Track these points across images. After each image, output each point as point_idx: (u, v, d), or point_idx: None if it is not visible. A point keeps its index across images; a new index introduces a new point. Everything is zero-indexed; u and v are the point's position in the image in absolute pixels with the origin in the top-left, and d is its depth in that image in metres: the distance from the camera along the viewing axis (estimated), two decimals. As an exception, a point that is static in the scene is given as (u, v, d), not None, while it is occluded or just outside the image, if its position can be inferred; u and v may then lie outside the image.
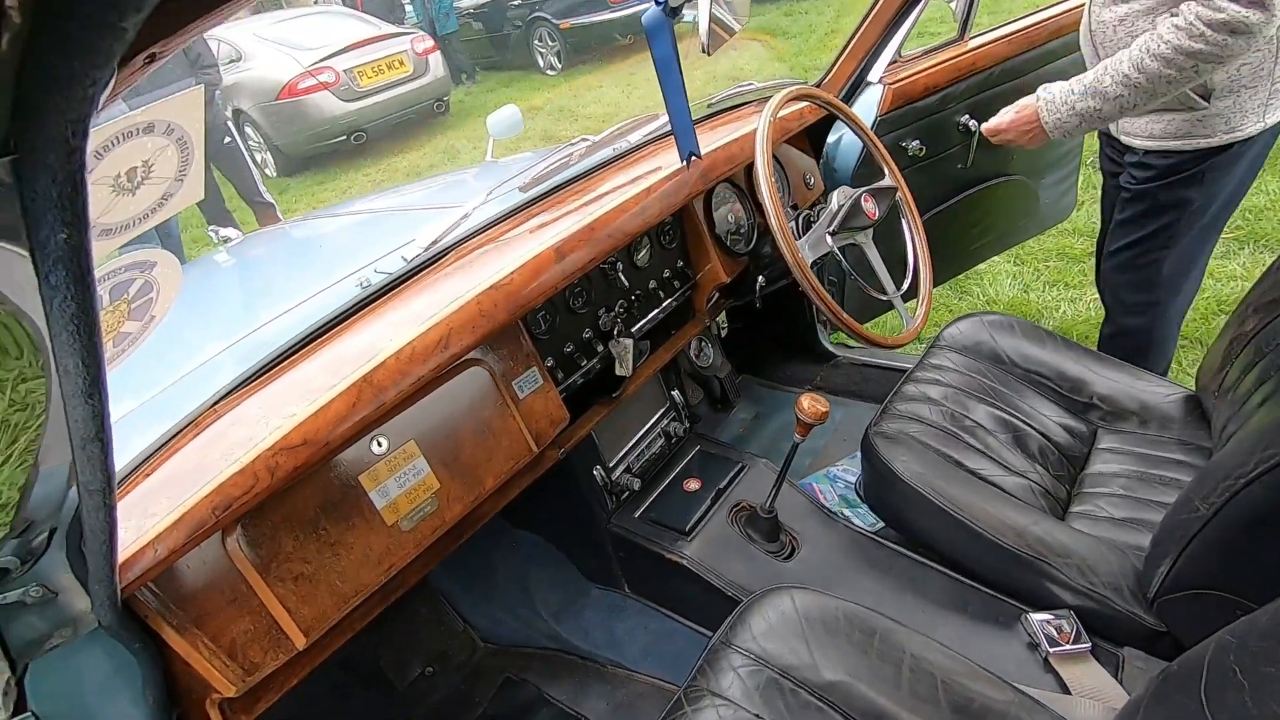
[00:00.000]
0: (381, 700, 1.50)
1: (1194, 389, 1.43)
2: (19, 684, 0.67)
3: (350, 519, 0.90)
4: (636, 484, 1.50)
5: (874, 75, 1.79)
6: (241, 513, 0.76)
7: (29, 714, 0.69)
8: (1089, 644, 1.11)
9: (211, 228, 2.15)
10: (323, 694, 1.43)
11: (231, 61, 6.32)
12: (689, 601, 1.44)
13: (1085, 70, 1.47)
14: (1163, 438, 1.38)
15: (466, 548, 1.17)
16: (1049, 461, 1.38)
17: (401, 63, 6.52)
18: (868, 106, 1.79)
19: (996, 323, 1.61)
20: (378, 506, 0.92)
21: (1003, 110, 1.59)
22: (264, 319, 1.22)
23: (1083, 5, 1.68)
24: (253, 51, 6.38)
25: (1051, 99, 1.48)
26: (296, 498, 0.85)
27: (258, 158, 6.51)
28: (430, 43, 6.81)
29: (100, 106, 0.26)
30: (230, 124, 4.73)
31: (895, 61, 1.83)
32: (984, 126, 1.65)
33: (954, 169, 2.00)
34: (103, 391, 0.40)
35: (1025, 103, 1.54)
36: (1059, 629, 1.13)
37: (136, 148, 0.42)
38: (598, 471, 1.47)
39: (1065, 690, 1.08)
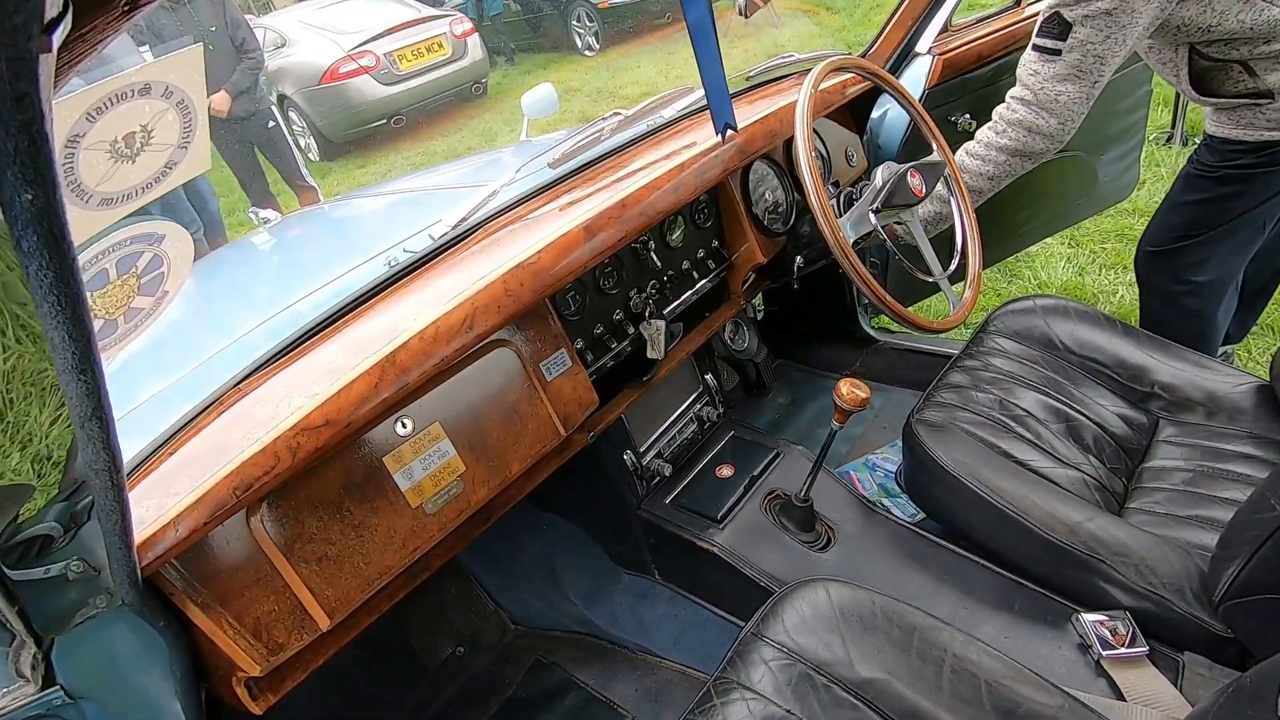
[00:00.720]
0: (412, 679, 1.51)
1: (1267, 378, 1.33)
2: (46, 658, 0.67)
3: (374, 501, 0.89)
4: (667, 469, 1.47)
5: (922, 45, 1.71)
6: (263, 493, 0.76)
7: (58, 688, 0.70)
8: (1146, 647, 1.04)
9: (252, 209, 2.18)
10: (354, 672, 1.45)
11: (276, 48, 6.42)
12: (720, 590, 1.41)
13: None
14: (1231, 430, 1.29)
15: (495, 531, 1.16)
16: (1105, 453, 1.30)
17: (440, 45, 6.53)
18: (915, 79, 1.70)
19: (1050, 307, 1.52)
20: (402, 489, 0.91)
21: None
22: (293, 298, 1.22)
23: None
24: (296, 37, 6.46)
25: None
26: (320, 479, 0.84)
27: (301, 142, 6.62)
28: (468, 25, 6.80)
29: (52, 45, 0.23)
30: (275, 109, 4.80)
31: (945, 31, 1.73)
32: None
33: None
34: (95, 367, 0.38)
35: None
36: (1113, 631, 1.07)
37: (133, 110, 0.40)
38: (628, 456, 1.44)
39: (1119, 696, 1.02)
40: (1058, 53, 1.30)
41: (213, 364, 1.09)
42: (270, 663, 0.81)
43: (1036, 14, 1.76)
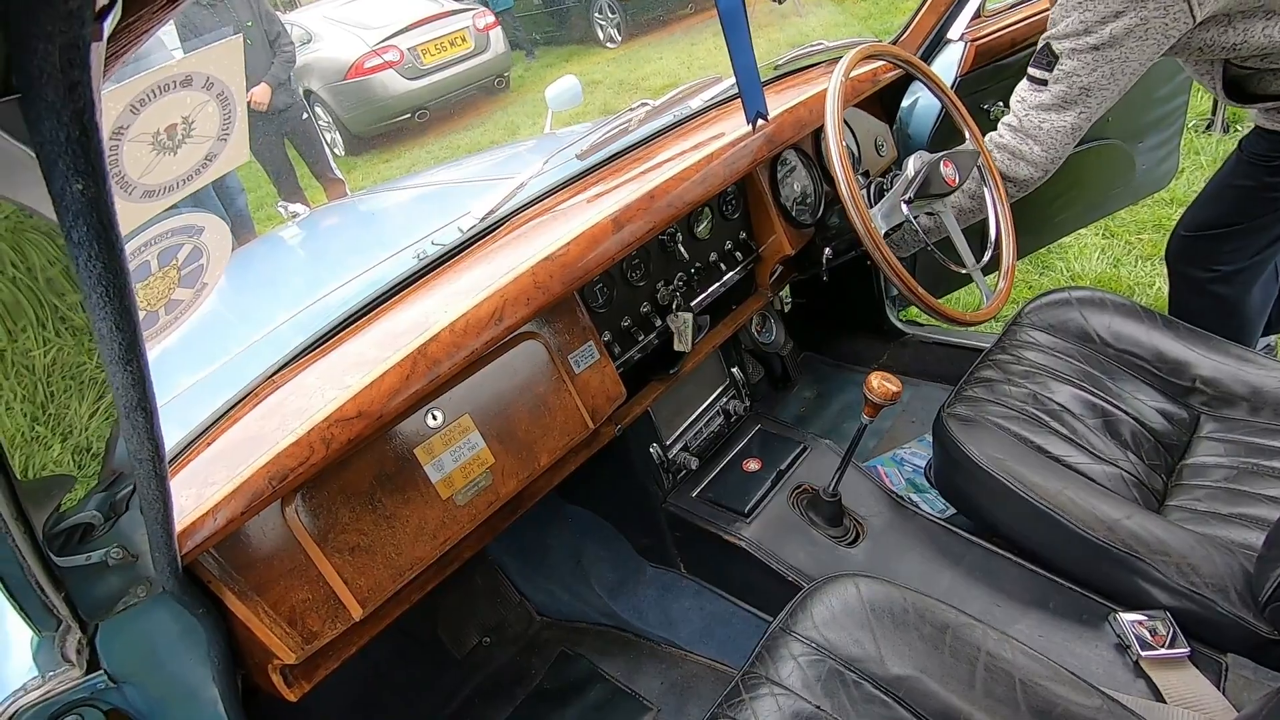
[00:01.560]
0: (440, 668, 1.53)
1: (1316, 373, 1.29)
2: (90, 644, 0.69)
3: (405, 492, 0.89)
4: (694, 463, 1.47)
5: (954, 32, 1.67)
6: (297, 483, 0.76)
7: (102, 672, 0.71)
8: (1188, 649, 1.02)
9: (281, 204, 2.21)
10: (384, 660, 1.47)
11: (302, 44, 6.49)
12: (747, 585, 1.40)
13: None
14: (1277, 426, 1.25)
15: (522, 523, 1.17)
16: (1143, 449, 1.27)
17: (464, 39, 6.55)
18: (947, 66, 1.66)
19: (1086, 299, 1.48)
20: (433, 480, 0.91)
21: None
22: (324, 291, 1.23)
23: None
24: (321, 33, 6.53)
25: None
26: (352, 470, 0.85)
27: (327, 137, 6.69)
28: (491, 18, 6.81)
29: (103, 33, 0.23)
30: (304, 100, 4.87)
31: (978, 17, 1.69)
32: None
33: None
34: (141, 357, 0.38)
35: None
36: (1153, 631, 1.04)
37: (175, 102, 0.40)
38: (654, 449, 1.44)
39: (1159, 698, 1.00)
40: (1045, 83, 1.31)
41: (246, 356, 1.11)
42: (305, 651, 0.82)
43: None
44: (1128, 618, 1.06)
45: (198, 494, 0.72)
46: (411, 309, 1.00)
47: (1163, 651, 1.02)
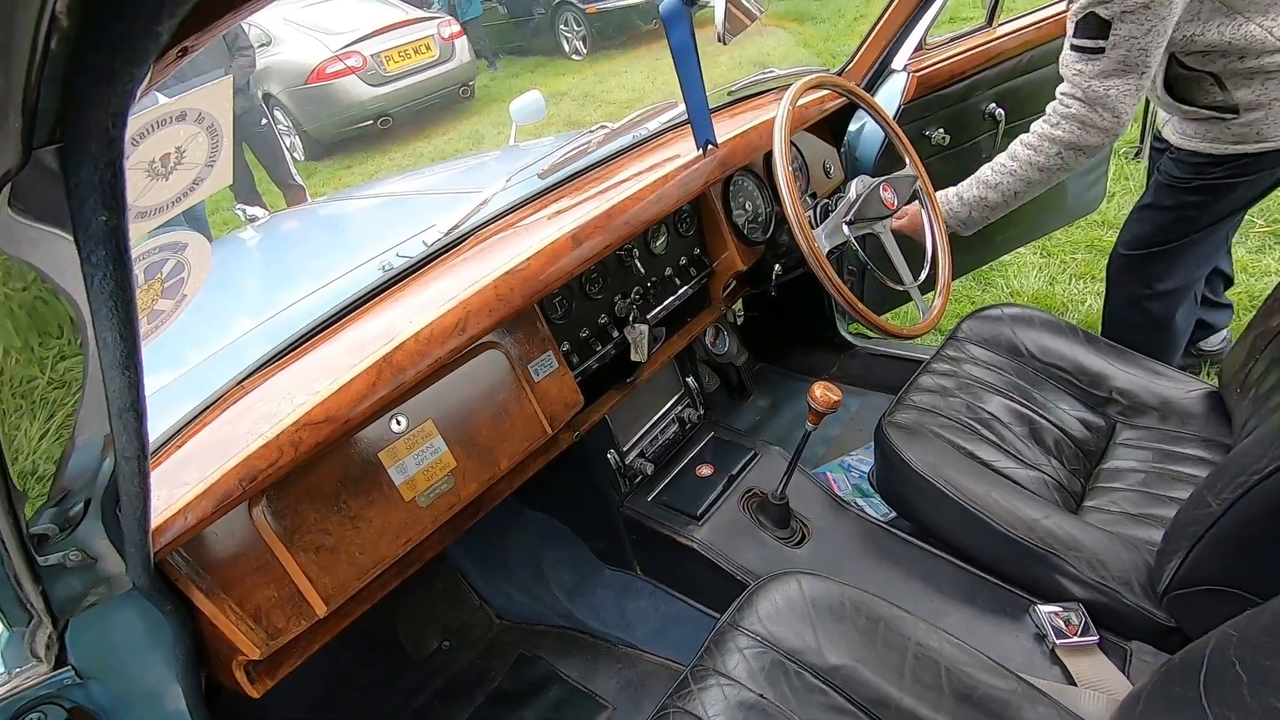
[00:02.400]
0: (400, 670, 1.55)
1: (1216, 385, 1.41)
2: (60, 639, 0.71)
3: (370, 494, 0.93)
4: (650, 468, 1.52)
5: (898, 63, 1.78)
6: (266, 485, 0.80)
7: (69, 667, 0.73)
8: (1097, 637, 1.11)
9: (239, 206, 2.21)
10: (345, 662, 1.48)
11: (261, 46, 6.40)
12: (699, 585, 1.46)
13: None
14: (1182, 434, 1.37)
15: (482, 527, 1.21)
16: (1064, 455, 1.37)
17: (428, 47, 6.55)
18: (891, 94, 1.77)
19: (1016, 315, 1.59)
20: (396, 483, 0.95)
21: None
22: (291, 299, 1.26)
23: None
24: (282, 36, 6.45)
25: (944, 194, 1.55)
26: (319, 472, 0.89)
27: (286, 141, 6.60)
28: (457, 27, 6.83)
29: (137, 99, 0.28)
30: (263, 106, 4.81)
31: (920, 49, 1.80)
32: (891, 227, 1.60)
33: (979, 158, 1.96)
34: (138, 363, 0.42)
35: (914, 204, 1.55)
36: (1067, 621, 1.14)
37: (170, 135, 0.44)
38: (611, 455, 1.49)
39: (1071, 682, 1.08)
40: (1100, 50, 1.29)
41: (212, 362, 1.13)
42: (269, 647, 0.85)
43: (1008, 33, 1.85)
44: (1045, 609, 1.15)
45: (169, 494, 0.75)
46: (378, 319, 1.04)
47: (1075, 640, 1.11)
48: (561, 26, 8.05)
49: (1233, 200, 1.55)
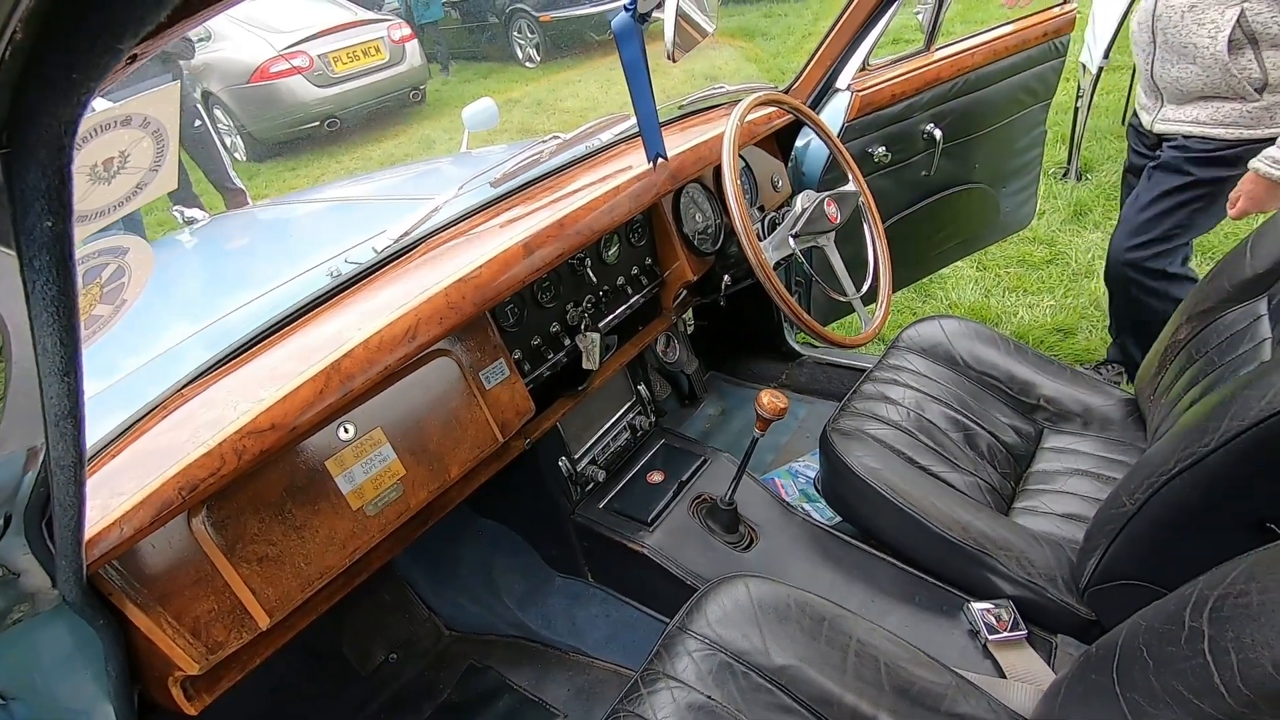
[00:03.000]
0: (345, 684, 1.52)
1: (1133, 394, 1.51)
2: (-19, 659, 0.68)
3: (316, 503, 0.92)
4: (601, 475, 1.53)
5: (842, 82, 1.84)
6: (207, 494, 0.78)
7: (-10, 689, 0.70)
8: (1025, 631, 1.17)
9: (176, 208, 2.12)
10: (288, 677, 1.44)
11: (200, 40, 6.18)
12: (650, 590, 1.48)
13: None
14: (1103, 438, 1.46)
15: (432, 536, 1.20)
16: (997, 460, 1.44)
17: (378, 49, 6.44)
18: (835, 112, 1.83)
19: (953, 326, 1.67)
20: (343, 491, 0.94)
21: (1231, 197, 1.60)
22: (234, 305, 1.23)
23: (1053, 15, 1.87)
24: (223, 32, 6.25)
25: (1272, 156, 1.48)
26: (262, 481, 0.87)
27: (227, 141, 6.39)
28: (407, 30, 6.74)
29: (90, 108, 0.28)
30: (200, 106, 4.64)
31: (865, 69, 1.88)
32: (1231, 214, 1.59)
33: (918, 176, 2.06)
34: (78, 370, 0.42)
35: (1246, 177, 1.54)
36: (998, 617, 1.19)
37: (114, 139, 0.44)
38: (563, 462, 1.50)
39: (1001, 674, 1.14)
40: None
41: (149, 368, 1.09)
42: (209, 661, 0.82)
43: (945, 58, 1.94)
44: (978, 606, 1.21)
45: (104, 504, 0.73)
46: (326, 325, 1.02)
47: (1005, 635, 1.17)
48: (515, 34, 8.02)
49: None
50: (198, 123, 4.22)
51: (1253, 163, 1.50)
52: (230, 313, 1.17)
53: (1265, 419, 0.84)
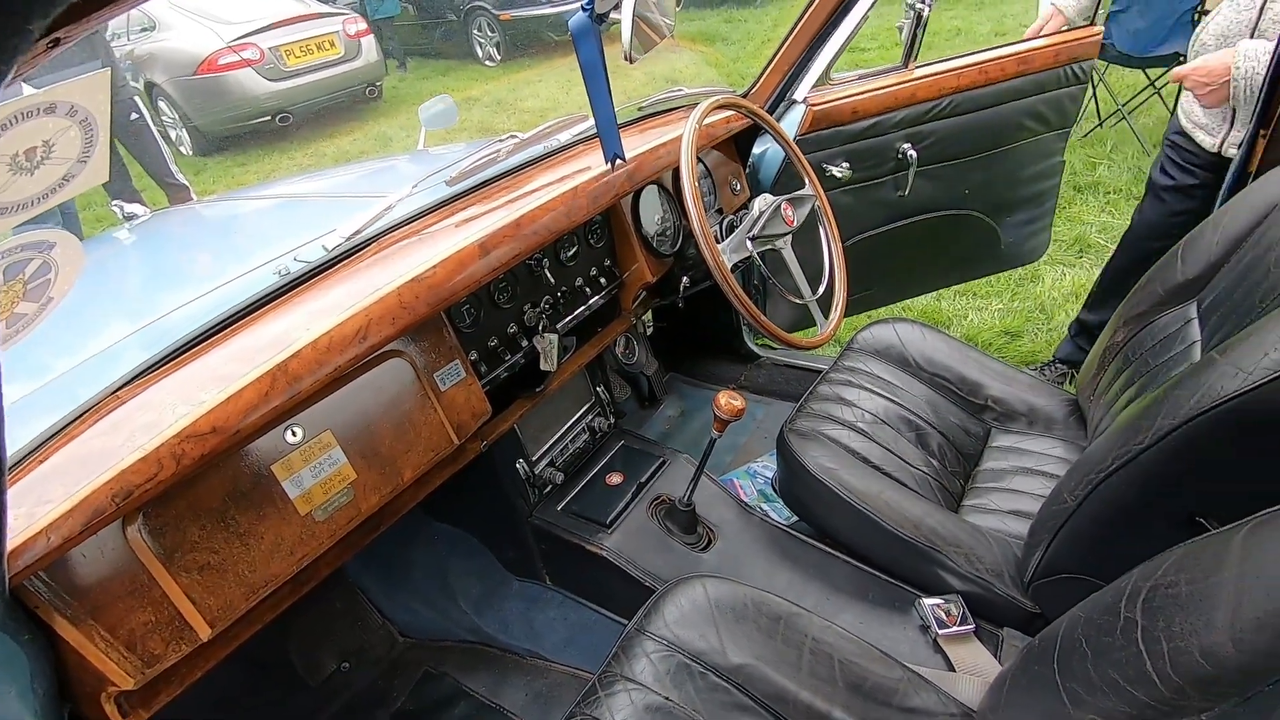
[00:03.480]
0: (293, 695, 1.47)
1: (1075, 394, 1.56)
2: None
3: (261, 509, 0.89)
4: (559, 477, 1.52)
5: (800, 94, 1.86)
6: (144, 501, 0.75)
7: (-98, 711, 0.66)
8: (973, 626, 1.20)
9: (115, 203, 2.03)
10: (232, 690, 1.39)
11: (144, 30, 5.96)
12: (608, 592, 1.47)
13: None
14: (1047, 437, 1.51)
15: (386, 541, 1.17)
16: (946, 458, 1.48)
17: (332, 44, 6.29)
18: (790, 124, 1.85)
19: (905, 329, 1.71)
20: (290, 496, 0.91)
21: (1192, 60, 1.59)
22: (175, 303, 1.18)
23: (1070, 39, 1.91)
24: (169, 21, 6.03)
25: (1253, 48, 1.46)
26: (204, 487, 0.84)
27: (172, 134, 6.16)
28: (363, 25, 6.60)
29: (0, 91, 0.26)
30: (138, 99, 4.43)
31: (825, 84, 1.88)
32: (1171, 73, 1.60)
33: (890, 196, 2.02)
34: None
35: (1218, 54, 1.53)
36: (947, 612, 1.22)
37: (37, 128, 0.41)
38: (520, 465, 1.49)
39: (950, 668, 1.17)
40: None
41: (82, 370, 1.04)
42: (145, 675, 0.79)
43: (924, 77, 1.88)
44: (929, 602, 1.24)
45: (29, 513, 0.69)
46: (272, 325, 0.99)
47: (954, 629, 1.20)
48: (475, 32, 7.93)
49: None
50: (134, 115, 4.02)
51: (1241, 49, 1.49)
52: (170, 312, 1.13)
53: (1194, 417, 0.87)
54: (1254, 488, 0.87)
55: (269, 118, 6.02)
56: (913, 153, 1.93)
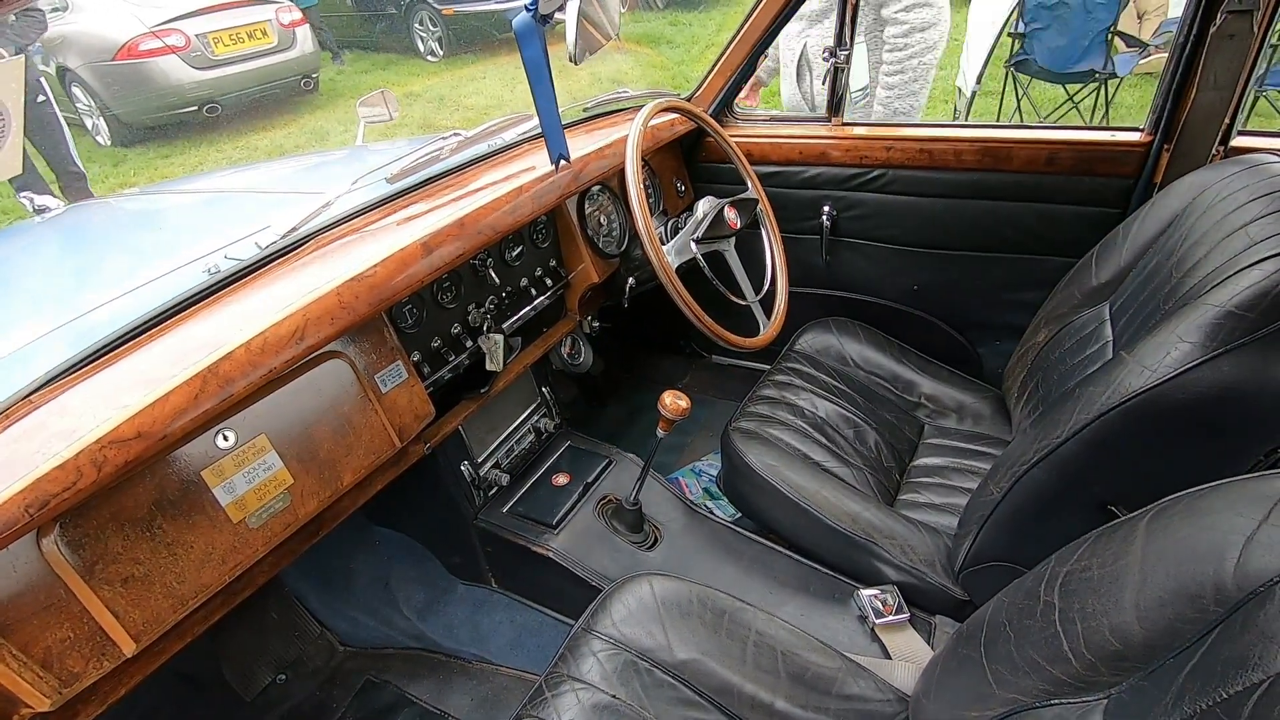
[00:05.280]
0: (226, 712, 1.41)
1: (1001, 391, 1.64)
2: None
3: (190, 517, 0.85)
4: (505, 479, 1.51)
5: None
6: (60, 511, 0.71)
7: None
8: (908, 614, 1.25)
9: (24, 195, 1.90)
10: (161, 707, 1.33)
11: (55, 10, 5.60)
12: (556, 593, 1.47)
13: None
14: (975, 432, 1.58)
15: (325, 548, 1.14)
16: (883, 454, 1.53)
17: (264, 33, 6.04)
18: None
19: (844, 328, 1.76)
20: (222, 503, 0.88)
21: None
22: (94, 302, 1.12)
23: (1094, 139, 1.52)
24: (81, 3, 5.68)
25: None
26: (127, 495, 0.80)
27: (88, 123, 5.81)
28: (298, 14, 6.37)
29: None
30: (43, 80, 4.13)
31: (731, 114, 1.87)
32: None
33: (810, 258, 1.92)
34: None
35: None
36: (884, 602, 1.27)
37: (-58, 115, 0.39)
38: (465, 467, 1.47)
39: (887, 655, 1.22)
40: None
41: (-11, 373, 0.98)
42: (62, 695, 0.75)
43: (848, 137, 1.72)
44: (866, 593, 1.28)
45: (-69, 525, 0.64)
46: (205, 324, 0.95)
47: (890, 618, 1.25)
48: (416, 25, 7.75)
49: None
50: (40, 98, 3.74)
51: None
52: (89, 311, 1.07)
53: (1105, 413, 0.94)
54: (1158, 476, 0.94)
55: (196, 108, 5.75)
56: (826, 220, 1.80)
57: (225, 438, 0.89)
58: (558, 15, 1.07)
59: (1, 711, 0.75)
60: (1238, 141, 1.43)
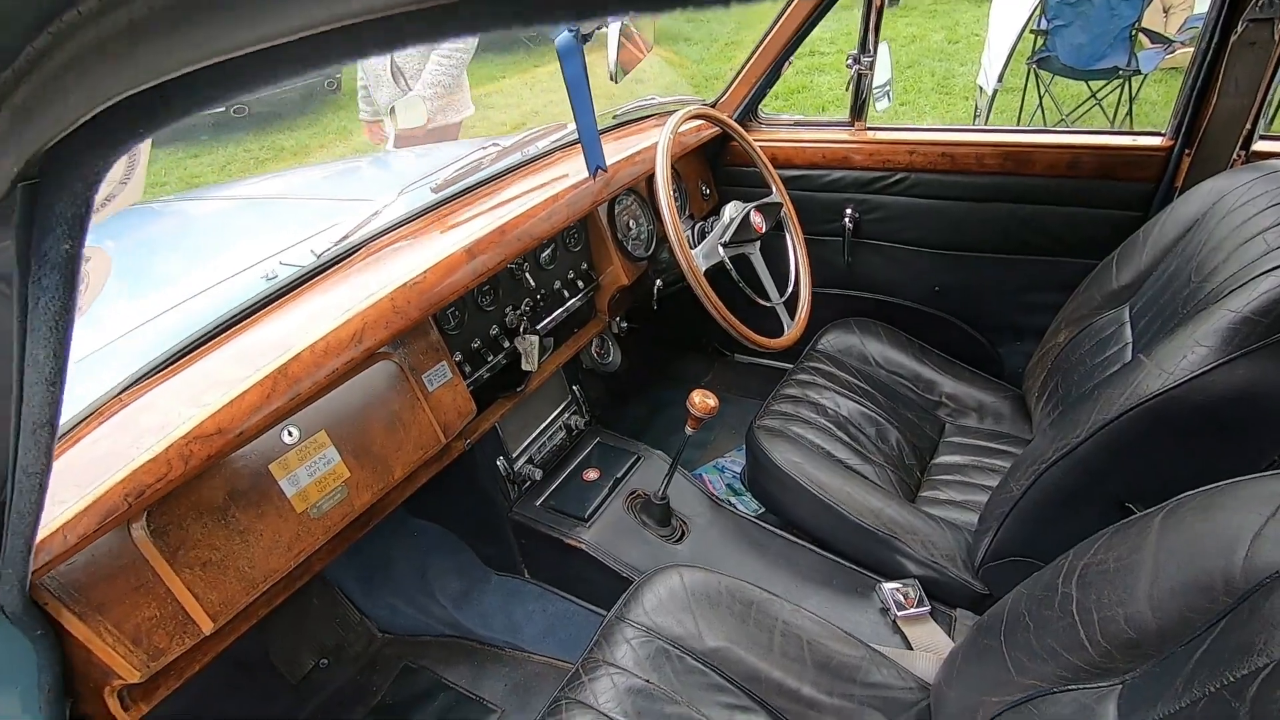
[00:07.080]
0: (274, 693, 1.49)
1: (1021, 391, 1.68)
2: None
3: (259, 506, 0.92)
4: (538, 474, 1.57)
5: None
6: (153, 499, 0.77)
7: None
8: (929, 607, 1.29)
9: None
10: (213, 690, 1.41)
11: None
12: (586, 583, 1.53)
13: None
14: (995, 431, 1.62)
15: (365, 540, 1.20)
16: (904, 452, 1.57)
17: (290, 34, 6.14)
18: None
19: (866, 328, 1.80)
20: (288, 494, 0.94)
21: None
22: (160, 308, 1.18)
23: (1111, 144, 1.53)
24: (116, 7, 5.80)
25: None
26: (205, 486, 0.86)
27: (120, 125, 5.94)
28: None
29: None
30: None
31: (755, 118, 1.91)
32: None
33: (834, 258, 1.95)
34: (63, 380, 0.43)
35: None
36: (905, 595, 1.32)
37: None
38: (500, 462, 1.53)
39: (908, 646, 1.26)
40: None
41: (80, 369, 1.04)
42: (150, 669, 0.82)
43: (870, 141, 1.76)
44: (888, 586, 1.33)
45: (45, 513, 0.71)
46: (271, 328, 1.02)
47: (911, 611, 1.29)
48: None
49: None
50: None
51: None
52: (157, 316, 1.14)
53: (1124, 413, 0.97)
54: (1173, 475, 0.98)
55: (223, 109, 5.86)
56: (849, 222, 1.83)
57: (290, 433, 0.95)
58: (595, 31, 1.11)
59: (97, 682, 0.82)
60: (1259, 146, 1.45)
